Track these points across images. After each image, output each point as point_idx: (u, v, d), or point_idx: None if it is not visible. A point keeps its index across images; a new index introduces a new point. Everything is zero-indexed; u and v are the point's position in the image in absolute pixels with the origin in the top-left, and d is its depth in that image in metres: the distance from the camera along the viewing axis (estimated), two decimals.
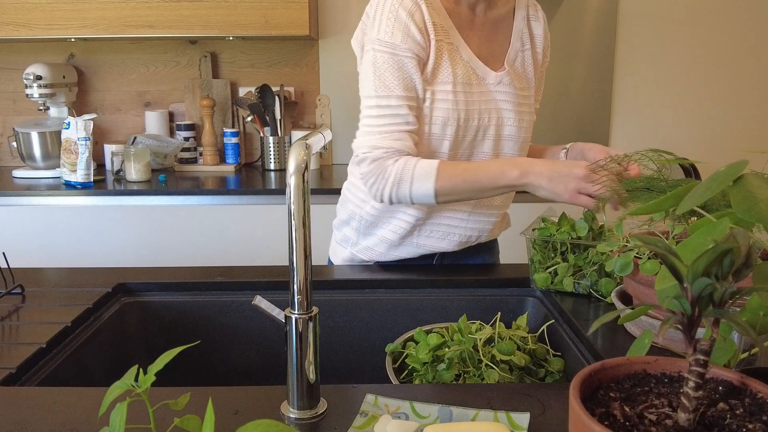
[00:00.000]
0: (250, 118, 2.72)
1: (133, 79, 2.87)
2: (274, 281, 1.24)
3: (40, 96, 2.59)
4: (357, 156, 1.23)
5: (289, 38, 2.74)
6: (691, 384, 0.49)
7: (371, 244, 1.37)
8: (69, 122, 2.40)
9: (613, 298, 1.05)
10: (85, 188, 2.36)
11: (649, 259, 0.94)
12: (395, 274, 1.29)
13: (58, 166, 2.52)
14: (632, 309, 0.56)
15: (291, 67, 2.86)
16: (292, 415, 0.76)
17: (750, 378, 0.53)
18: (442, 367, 0.98)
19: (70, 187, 2.37)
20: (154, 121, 2.80)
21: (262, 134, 2.72)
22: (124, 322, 1.20)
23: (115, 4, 2.45)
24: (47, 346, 0.97)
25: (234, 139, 2.72)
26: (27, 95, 2.59)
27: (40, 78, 2.56)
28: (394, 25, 1.18)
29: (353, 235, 1.40)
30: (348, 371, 1.25)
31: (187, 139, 2.76)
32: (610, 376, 0.55)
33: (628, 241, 1.02)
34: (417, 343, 1.05)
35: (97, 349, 1.09)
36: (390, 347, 1.06)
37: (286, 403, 0.78)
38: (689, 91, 2.89)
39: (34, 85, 2.55)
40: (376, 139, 1.20)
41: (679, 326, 0.50)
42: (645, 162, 1.11)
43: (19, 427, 0.74)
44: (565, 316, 1.09)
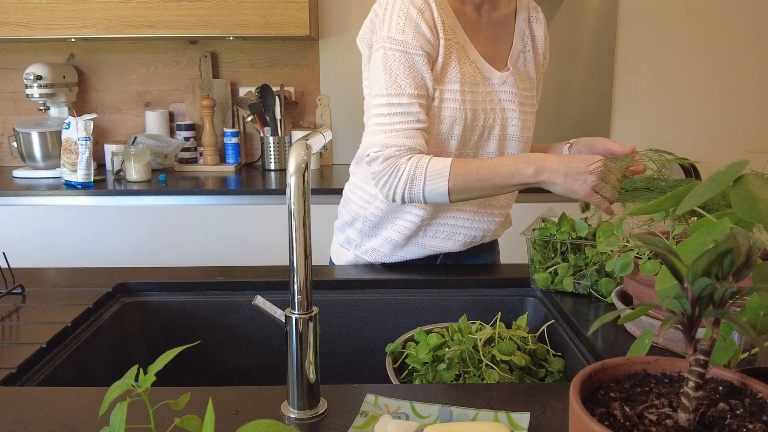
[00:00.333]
0: (250, 118, 2.72)
1: (133, 79, 2.87)
2: (274, 281, 1.24)
3: (41, 96, 2.59)
4: (368, 155, 1.20)
5: (290, 38, 2.74)
6: (692, 384, 0.49)
7: (376, 245, 1.36)
8: (69, 122, 2.40)
9: (614, 298, 1.05)
10: (86, 188, 2.36)
11: (650, 259, 0.94)
12: (395, 274, 1.29)
13: (59, 166, 2.52)
14: (632, 309, 0.56)
15: (291, 67, 2.86)
16: (292, 415, 0.77)
17: (750, 378, 0.53)
18: (443, 367, 0.98)
19: (71, 187, 2.38)
20: (154, 121, 2.81)
21: (262, 134, 2.72)
22: (125, 322, 1.20)
23: (115, 4, 2.46)
24: (47, 346, 0.97)
25: (234, 139, 2.72)
26: (27, 95, 2.59)
27: (40, 78, 2.56)
28: (405, 23, 1.17)
29: (357, 237, 1.38)
30: (348, 371, 1.25)
31: (187, 139, 2.76)
32: (611, 376, 0.55)
33: (628, 241, 1.02)
34: (417, 343, 1.05)
35: (97, 349, 1.09)
36: (390, 347, 1.06)
37: (286, 403, 0.78)
38: (689, 91, 2.89)
39: (35, 85, 2.55)
40: (388, 138, 1.18)
41: (680, 326, 0.50)
42: (645, 162, 1.11)
43: (19, 427, 0.74)
44: (566, 316, 1.09)
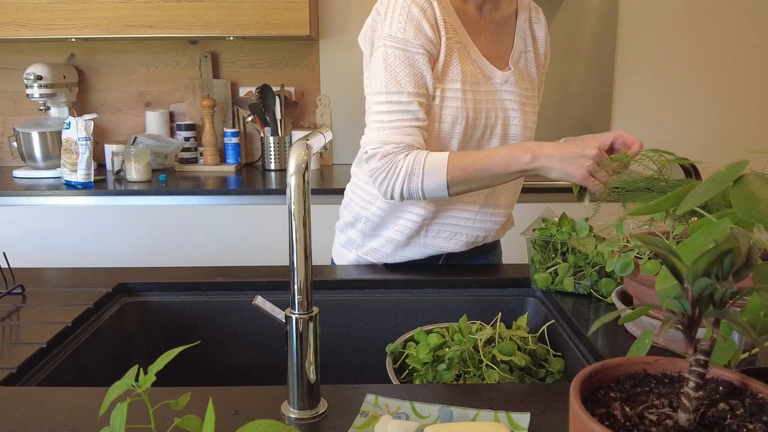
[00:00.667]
0: (250, 118, 2.72)
1: (133, 79, 2.87)
2: (274, 281, 1.24)
3: (41, 96, 2.59)
4: (366, 152, 1.20)
5: (290, 38, 2.74)
6: (692, 384, 0.49)
7: (377, 245, 1.36)
8: (69, 122, 2.40)
9: (614, 299, 1.05)
10: (86, 188, 2.36)
11: (650, 259, 0.94)
12: (395, 274, 1.29)
13: (59, 166, 2.52)
14: (632, 309, 0.56)
15: (291, 67, 2.86)
16: (292, 415, 0.76)
17: (750, 378, 0.53)
18: (443, 367, 0.98)
19: (71, 187, 2.38)
20: (154, 121, 2.81)
21: (262, 134, 2.72)
22: (125, 322, 1.20)
23: (115, 4, 2.46)
24: (47, 346, 0.97)
25: (234, 139, 2.72)
26: (27, 95, 2.59)
27: (40, 78, 2.56)
28: (407, 21, 1.17)
29: (358, 238, 1.38)
30: (348, 371, 1.25)
31: (187, 139, 2.76)
32: (611, 376, 0.55)
33: (628, 241, 1.02)
34: (417, 343, 1.05)
35: (98, 349, 1.09)
36: (390, 347, 1.06)
37: (286, 403, 0.78)
38: (689, 91, 2.89)
39: (35, 85, 2.55)
40: (386, 135, 1.18)
41: (680, 326, 0.50)
42: (645, 162, 1.11)
43: (19, 427, 0.74)
44: (566, 316, 1.09)
